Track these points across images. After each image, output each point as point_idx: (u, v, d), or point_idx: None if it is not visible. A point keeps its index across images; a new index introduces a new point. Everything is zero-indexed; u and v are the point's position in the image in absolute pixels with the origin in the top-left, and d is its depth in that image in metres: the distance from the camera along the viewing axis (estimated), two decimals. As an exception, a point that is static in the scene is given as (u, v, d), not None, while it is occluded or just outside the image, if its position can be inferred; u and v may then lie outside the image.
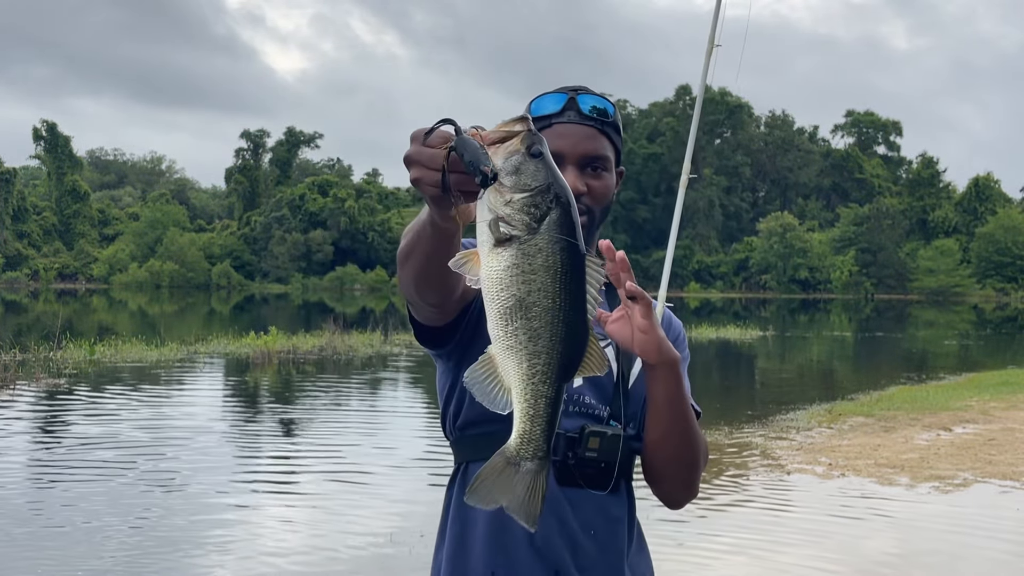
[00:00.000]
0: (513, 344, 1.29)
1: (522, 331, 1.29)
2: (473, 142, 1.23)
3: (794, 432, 10.79)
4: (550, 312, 1.28)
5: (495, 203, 1.26)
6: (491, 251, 1.27)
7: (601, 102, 1.82)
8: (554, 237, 1.27)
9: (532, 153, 1.27)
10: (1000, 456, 9.30)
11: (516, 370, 1.30)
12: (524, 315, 1.28)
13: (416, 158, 1.28)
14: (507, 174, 1.25)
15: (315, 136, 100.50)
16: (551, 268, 1.27)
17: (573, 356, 1.32)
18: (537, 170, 1.26)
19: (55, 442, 10.00)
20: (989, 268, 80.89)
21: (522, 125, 1.28)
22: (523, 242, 1.26)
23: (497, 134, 1.28)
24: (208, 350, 20.35)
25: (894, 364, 21.92)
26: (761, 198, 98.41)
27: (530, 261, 1.26)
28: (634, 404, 1.80)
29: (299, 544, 6.39)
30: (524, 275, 1.26)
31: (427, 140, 1.26)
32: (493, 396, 1.33)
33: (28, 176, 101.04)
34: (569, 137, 1.79)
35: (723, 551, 6.25)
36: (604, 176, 1.81)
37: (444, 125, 1.27)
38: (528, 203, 1.26)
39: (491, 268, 1.28)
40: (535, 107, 1.83)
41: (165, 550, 6.16)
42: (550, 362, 1.30)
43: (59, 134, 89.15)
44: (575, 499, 1.74)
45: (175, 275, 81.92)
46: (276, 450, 9.97)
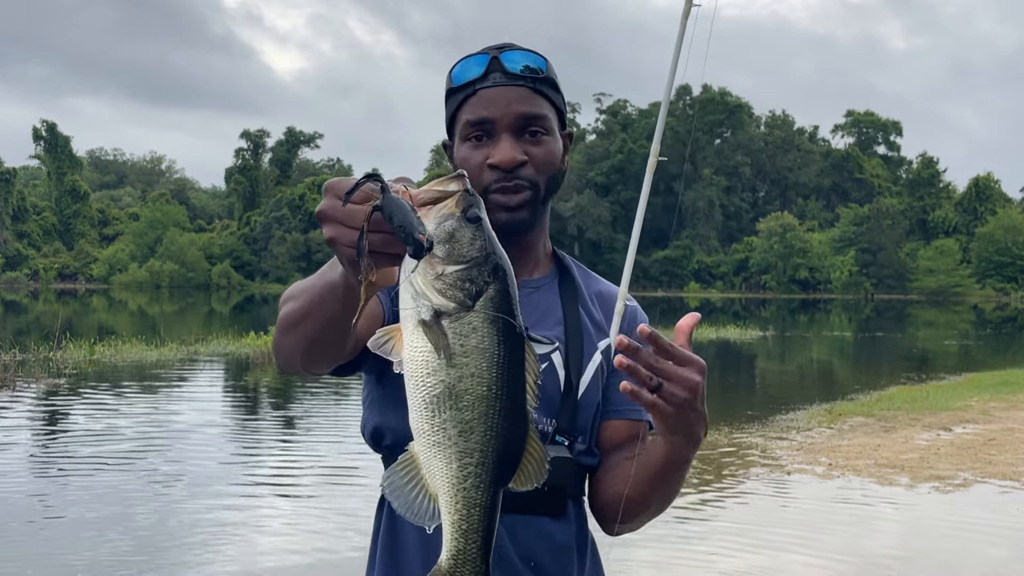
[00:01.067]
0: (441, 440, 1.10)
1: (451, 424, 1.10)
2: (403, 202, 1.06)
3: (794, 432, 10.79)
4: (485, 402, 1.10)
5: (424, 275, 1.08)
6: (417, 328, 1.09)
7: (530, 57, 1.59)
8: (491, 316, 1.09)
9: (469, 218, 1.09)
10: (1000, 456, 9.30)
11: (444, 472, 1.11)
12: (454, 405, 1.09)
13: (331, 214, 1.09)
14: (439, 242, 1.08)
15: (315, 136, 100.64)
16: (487, 351, 1.09)
17: (512, 455, 1.13)
18: (474, 238, 1.09)
19: (55, 442, 10.00)
20: (989, 268, 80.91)
21: (457, 184, 1.11)
22: (455, 320, 1.09)
23: (429, 194, 1.10)
24: (208, 350, 20.35)
25: (894, 364, 21.92)
26: (761, 198, 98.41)
27: (463, 342, 1.09)
28: (584, 416, 1.59)
29: (299, 544, 6.38)
30: (455, 358, 1.09)
31: (349, 197, 1.08)
32: (418, 506, 1.13)
33: (28, 176, 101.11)
34: (497, 101, 1.55)
35: (723, 551, 6.25)
36: (545, 140, 1.57)
37: (368, 181, 1.09)
38: (463, 276, 1.08)
39: (416, 349, 1.09)
40: (456, 75, 1.59)
41: (165, 549, 6.16)
42: (484, 462, 1.11)
43: (59, 134, 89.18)
44: (513, 526, 1.51)
45: (175, 275, 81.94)
46: (276, 450, 9.97)
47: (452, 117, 1.62)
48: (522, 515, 1.51)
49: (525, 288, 1.61)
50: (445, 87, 1.63)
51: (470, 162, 1.56)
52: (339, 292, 1.23)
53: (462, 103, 1.59)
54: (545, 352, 1.56)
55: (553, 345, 1.58)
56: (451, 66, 1.61)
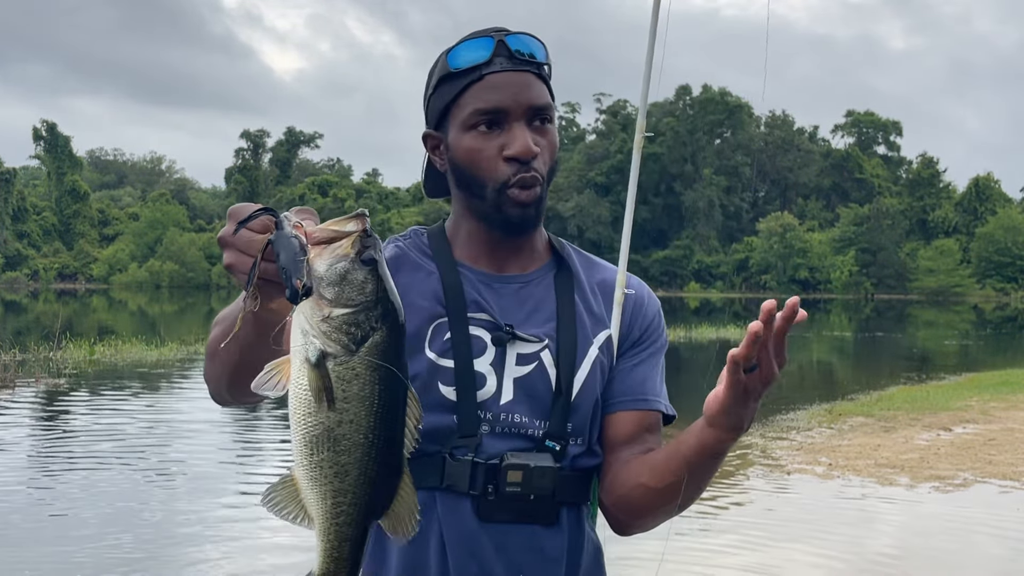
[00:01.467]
0: (317, 476, 1.12)
1: (328, 464, 1.11)
2: (292, 242, 1.05)
3: (794, 432, 10.78)
4: (361, 448, 1.10)
5: (311, 316, 1.07)
6: (303, 367, 1.08)
7: (534, 43, 1.52)
8: (374, 364, 1.08)
9: (363, 260, 1.07)
10: (1000, 456, 9.30)
11: (319, 505, 1.13)
12: (332, 447, 1.10)
13: (229, 240, 1.11)
14: (329, 284, 1.06)
15: (315, 136, 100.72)
16: (367, 399, 1.09)
17: (384, 500, 1.15)
18: (365, 282, 1.07)
19: (55, 442, 9.99)
20: (989, 268, 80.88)
21: (356, 224, 1.08)
22: (339, 363, 1.07)
23: (324, 233, 1.08)
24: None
25: (894, 364, 21.92)
26: (761, 198, 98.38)
27: (344, 388, 1.08)
28: (581, 415, 1.51)
29: (299, 543, 6.38)
30: (336, 403, 1.08)
31: (242, 226, 1.09)
32: (295, 519, 1.16)
33: (28, 176, 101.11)
34: (509, 88, 1.47)
35: (723, 551, 6.25)
36: (550, 129, 1.52)
37: (263, 214, 1.09)
38: (349, 320, 1.07)
39: (300, 386, 1.09)
40: (454, 58, 1.50)
41: (165, 549, 6.16)
42: (356, 503, 1.13)
43: (59, 134, 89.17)
44: (499, 535, 1.45)
45: (175, 275, 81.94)
46: (276, 449, 9.96)
47: (449, 104, 1.51)
48: (512, 524, 1.46)
49: (515, 283, 1.56)
50: (436, 72, 1.53)
51: (483, 153, 1.47)
52: (248, 318, 1.21)
53: (464, 89, 1.49)
54: (534, 350, 1.51)
55: (541, 343, 1.51)
56: (444, 50, 1.52)
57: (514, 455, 1.45)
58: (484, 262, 1.56)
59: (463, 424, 1.46)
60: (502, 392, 1.49)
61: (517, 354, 1.51)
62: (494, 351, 1.49)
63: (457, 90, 1.49)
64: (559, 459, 1.47)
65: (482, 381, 1.48)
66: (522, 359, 1.51)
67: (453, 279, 1.52)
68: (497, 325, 1.50)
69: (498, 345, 1.49)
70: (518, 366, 1.50)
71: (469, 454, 1.45)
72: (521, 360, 1.50)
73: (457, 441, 1.45)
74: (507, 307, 1.53)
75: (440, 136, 1.54)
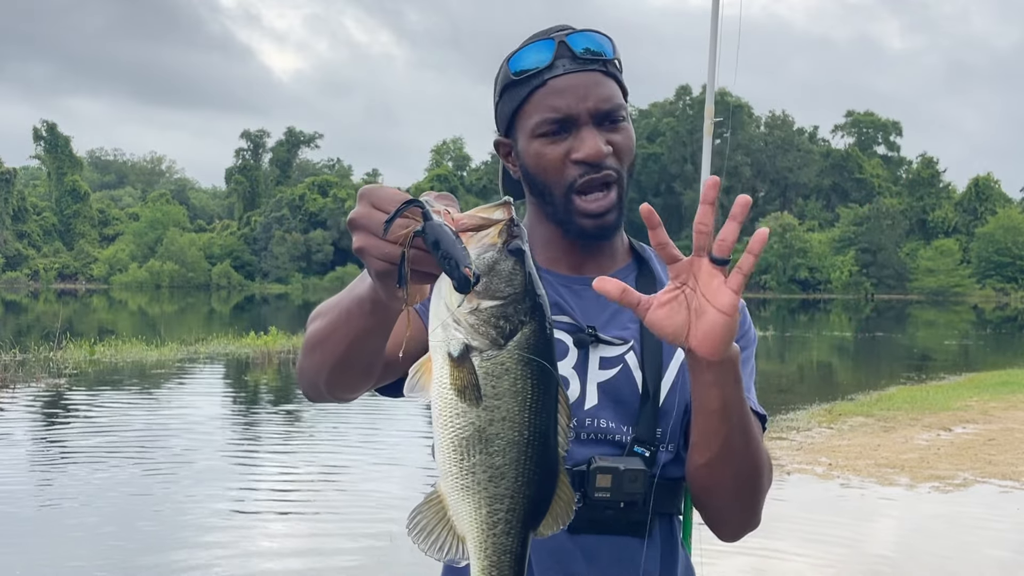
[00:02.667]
0: (470, 484, 1.05)
1: (481, 468, 1.04)
2: (448, 231, 0.99)
3: (794, 432, 10.78)
4: (516, 447, 1.04)
5: (457, 308, 1.01)
6: (446, 364, 1.03)
7: (597, 40, 1.46)
8: (525, 357, 1.03)
9: (511, 250, 1.03)
10: (1000, 456, 9.30)
11: (473, 516, 1.06)
12: (484, 449, 1.04)
13: (363, 223, 1.05)
14: (481, 274, 1.01)
15: (315, 136, 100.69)
16: (519, 394, 1.03)
17: (543, 500, 1.08)
18: (514, 273, 1.03)
19: (55, 442, 9.99)
20: (989, 268, 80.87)
21: (503, 212, 1.04)
22: (486, 359, 1.02)
23: (472, 220, 1.03)
24: (208, 350, 20.34)
25: (894, 364, 21.92)
26: (761, 198, 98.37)
27: (494, 384, 1.02)
28: (669, 421, 1.45)
29: (299, 543, 6.39)
30: (486, 400, 1.03)
31: (389, 225, 1.02)
32: (445, 548, 1.07)
33: (28, 176, 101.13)
34: (573, 91, 1.42)
35: (722, 551, 6.24)
36: (625, 127, 1.46)
37: (410, 206, 1.02)
38: (498, 313, 1.02)
39: (444, 386, 1.03)
40: (516, 64, 1.45)
41: (164, 549, 6.16)
42: (515, 508, 1.05)
43: (59, 134, 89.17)
44: (591, 548, 1.40)
45: (175, 275, 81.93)
46: (276, 449, 9.97)
47: (516, 110, 1.47)
48: (601, 535, 1.39)
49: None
50: (500, 79, 1.49)
51: (547, 158, 1.44)
52: (367, 307, 1.16)
53: (529, 95, 1.44)
54: (618, 353, 1.45)
55: (627, 344, 1.45)
56: (508, 54, 1.48)
57: (603, 459, 1.38)
58: (563, 265, 1.52)
59: None
60: (586, 397, 1.43)
61: (600, 357, 1.45)
62: (576, 354, 1.44)
63: (522, 97, 1.45)
64: (649, 465, 1.40)
65: (565, 385, 1.41)
66: (605, 363, 1.45)
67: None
68: (579, 327, 1.45)
69: (580, 347, 1.44)
70: (602, 370, 1.45)
71: None
72: (605, 364, 1.45)
73: None
74: (589, 309, 1.48)
75: (511, 143, 1.51)
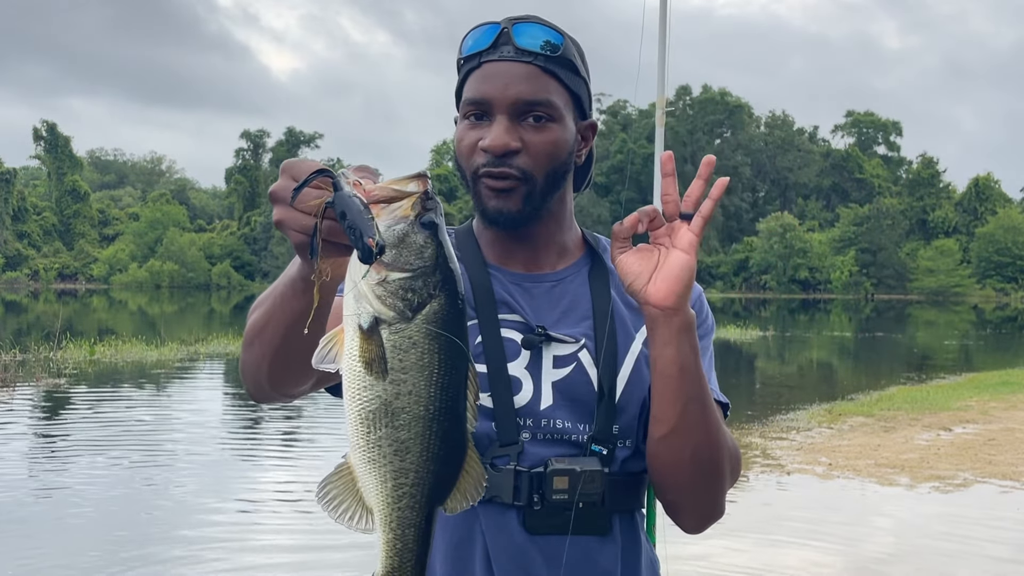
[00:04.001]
0: (375, 457, 1.04)
1: (387, 442, 1.03)
2: (355, 201, 0.98)
3: (794, 432, 10.78)
4: (422, 422, 1.03)
5: (367, 278, 1.00)
6: (355, 335, 1.02)
7: (546, 32, 1.42)
8: (433, 331, 1.02)
9: (423, 223, 1.01)
10: (1000, 456, 9.30)
11: (379, 489, 1.06)
12: (390, 422, 1.03)
13: (281, 196, 1.04)
14: (389, 246, 1.00)
15: (315, 136, 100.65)
16: (425, 369, 1.02)
17: (450, 476, 1.07)
18: (424, 246, 1.01)
19: (55, 442, 9.99)
20: (989, 268, 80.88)
21: (417, 184, 1.02)
22: (394, 332, 1.01)
23: (384, 191, 1.02)
24: (208, 350, 20.34)
25: (894, 364, 21.92)
26: (761, 198, 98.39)
27: (401, 357, 1.01)
28: (627, 416, 1.43)
29: (299, 544, 6.39)
30: (393, 373, 1.02)
31: (297, 193, 1.01)
32: (352, 518, 1.07)
33: (28, 176, 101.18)
34: (498, 78, 1.39)
35: (722, 551, 6.24)
36: (550, 128, 1.40)
37: (319, 176, 1.01)
38: (405, 285, 1.00)
39: (354, 357, 1.02)
40: (465, 44, 1.45)
41: (163, 550, 6.16)
42: (419, 483, 1.05)
43: (59, 134, 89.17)
44: (548, 548, 1.38)
45: (175, 275, 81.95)
46: (276, 449, 9.97)
47: (458, 90, 1.48)
48: (561, 535, 1.38)
49: (547, 282, 1.49)
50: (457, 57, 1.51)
51: (463, 142, 1.43)
52: (299, 286, 1.14)
53: (466, 76, 1.45)
54: (571, 351, 1.43)
55: (578, 343, 1.44)
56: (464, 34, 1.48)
57: (559, 460, 1.37)
58: (513, 262, 1.50)
59: (502, 432, 1.38)
60: (541, 396, 1.41)
61: (553, 356, 1.43)
62: (528, 354, 1.42)
63: (462, 77, 1.47)
64: (607, 463, 1.40)
65: (518, 386, 1.40)
66: (559, 361, 1.43)
67: (482, 279, 1.46)
68: (529, 326, 1.43)
69: (528, 348, 1.42)
70: (555, 369, 1.43)
71: (511, 463, 1.37)
72: (558, 362, 1.43)
73: (498, 450, 1.38)
74: (540, 307, 1.46)
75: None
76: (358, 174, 1.03)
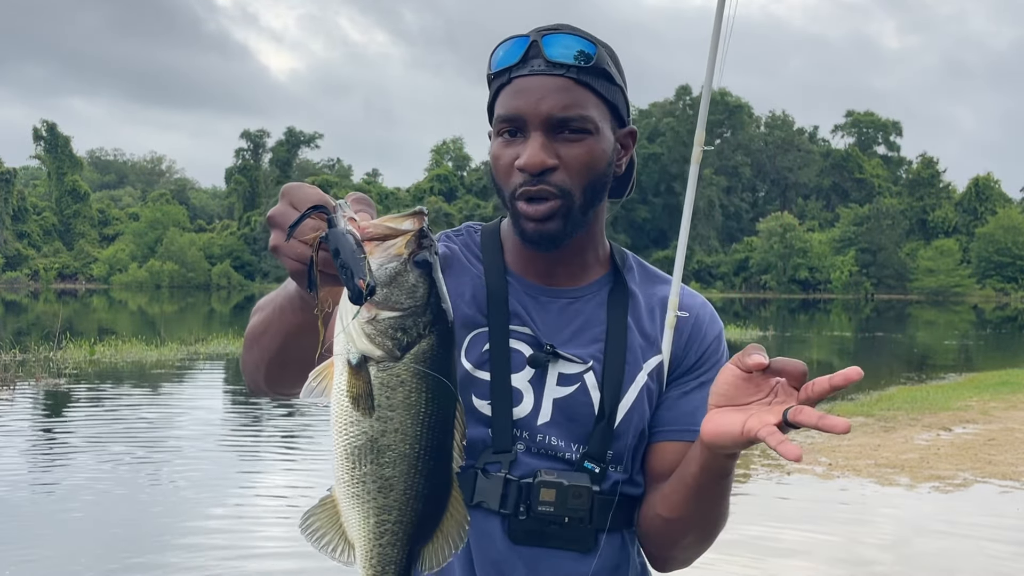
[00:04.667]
0: (360, 493, 1.05)
1: (371, 478, 1.04)
2: (348, 239, 0.99)
3: (793, 432, 10.77)
4: (407, 460, 1.04)
5: (356, 317, 1.01)
6: (344, 371, 1.03)
7: (577, 42, 1.38)
8: (420, 371, 1.02)
9: (416, 262, 1.01)
10: (1000, 456, 9.30)
11: (361, 525, 1.07)
12: (375, 459, 1.04)
13: (279, 222, 1.05)
14: (380, 284, 1.00)
15: (315, 136, 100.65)
16: (413, 407, 1.03)
17: (433, 516, 1.08)
18: (416, 286, 1.01)
19: (54, 442, 9.99)
20: (989, 268, 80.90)
21: (413, 222, 1.02)
22: (382, 370, 1.02)
23: (378, 229, 1.02)
24: (208, 350, 20.34)
25: (894, 364, 21.92)
26: (761, 198, 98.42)
27: (388, 395, 1.02)
28: (623, 443, 1.43)
29: (299, 543, 6.38)
30: (380, 411, 1.03)
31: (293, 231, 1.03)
32: (335, 550, 1.10)
33: (28, 176, 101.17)
34: (530, 94, 1.36)
35: (721, 552, 6.24)
36: (586, 141, 1.37)
37: (314, 212, 1.02)
38: (396, 324, 1.01)
39: (341, 392, 1.03)
40: (494, 60, 1.42)
41: (162, 550, 6.16)
42: (402, 520, 1.06)
43: (59, 134, 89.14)
44: (531, 559, 1.39)
45: (175, 275, 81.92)
46: (276, 449, 9.97)
47: (490, 106, 1.46)
48: (545, 548, 1.39)
49: (563, 298, 1.47)
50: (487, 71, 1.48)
51: (499, 161, 1.41)
52: (297, 303, 1.16)
53: (498, 92, 1.42)
54: (577, 371, 1.43)
55: (585, 365, 1.43)
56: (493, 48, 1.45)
57: (548, 473, 1.38)
58: (533, 272, 1.48)
59: (497, 439, 1.39)
60: (540, 411, 1.41)
61: (559, 374, 1.42)
62: (533, 368, 1.42)
63: (493, 92, 1.44)
64: (598, 482, 1.40)
65: (519, 398, 1.41)
66: (564, 379, 1.43)
67: (498, 287, 1.45)
68: (538, 342, 1.43)
69: (534, 365, 1.41)
70: (559, 386, 1.42)
71: (503, 470, 1.38)
72: (563, 380, 1.43)
73: (491, 456, 1.39)
74: (552, 323, 1.45)
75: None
76: (355, 206, 1.04)
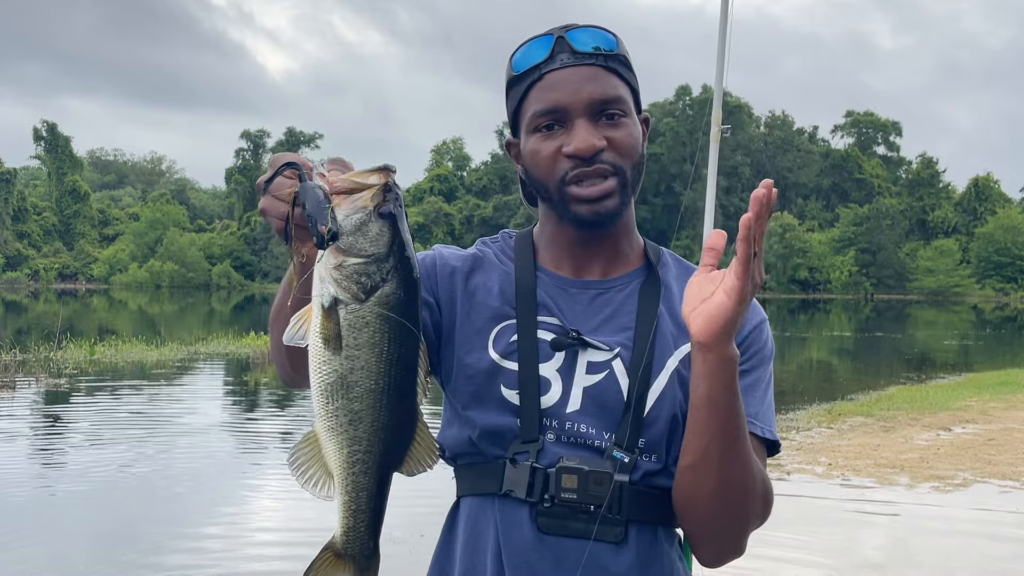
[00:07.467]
0: (334, 426, 1.15)
1: (343, 412, 1.14)
2: (316, 192, 1.08)
3: (794, 432, 10.78)
4: (373, 395, 1.14)
5: (327, 262, 1.11)
6: (318, 314, 1.12)
7: (598, 34, 1.45)
8: (383, 313, 1.11)
9: (380, 213, 1.10)
10: (1000, 456, 9.30)
11: (336, 455, 1.16)
12: (345, 395, 1.14)
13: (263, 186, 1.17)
14: (346, 233, 1.09)
15: (315, 136, 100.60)
16: (377, 346, 1.12)
17: (399, 446, 1.18)
18: (380, 234, 1.10)
19: (55, 442, 10.00)
20: (989, 268, 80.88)
21: (379, 177, 1.11)
22: (350, 312, 1.11)
23: (346, 183, 1.11)
24: (208, 350, 20.34)
25: (894, 364, 21.92)
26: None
27: (355, 335, 1.12)
28: (655, 431, 1.40)
29: (299, 544, 6.38)
30: (348, 350, 1.12)
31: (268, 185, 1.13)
32: (316, 483, 1.19)
33: (28, 176, 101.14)
34: (567, 85, 1.41)
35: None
36: (625, 123, 1.42)
37: (288, 168, 1.12)
38: (360, 270, 1.10)
39: (316, 334, 1.13)
40: (517, 62, 1.45)
41: (162, 550, 6.16)
42: (371, 450, 1.16)
43: (59, 134, 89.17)
44: (558, 549, 1.37)
45: (175, 275, 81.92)
46: (275, 449, 9.97)
47: (516, 109, 1.47)
48: (572, 539, 1.37)
49: (592, 289, 1.49)
50: (505, 77, 1.49)
51: (541, 154, 1.42)
52: (299, 268, 1.21)
53: (527, 91, 1.44)
54: (604, 359, 1.43)
55: (612, 352, 1.43)
56: (510, 54, 1.47)
57: (569, 459, 1.37)
58: (565, 266, 1.51)
59: (525, 429, 1.40)
60: (569, 400, 1.41)
61: (588, 362, 1.43)
62: (562, 357, 1.43)
63: (521, 93, 1.46)
64: (627, 471, 1.38)
65: (547, 387, 1.41)
66: (592, 367, 1.43)
67: (527, 281, 1.48)
68: (564, 330, 1.44)
69: (557, 349, 1.42)
70: (588, 374, 1.43)
71: (530, 459, 1.39)
72: (592, 368, 1.43)
73: (519, 446, 1.40)
74: (579, 313, 1.47)
75: (517, 142, 1.50)
76: (330, 167, 1.13)
